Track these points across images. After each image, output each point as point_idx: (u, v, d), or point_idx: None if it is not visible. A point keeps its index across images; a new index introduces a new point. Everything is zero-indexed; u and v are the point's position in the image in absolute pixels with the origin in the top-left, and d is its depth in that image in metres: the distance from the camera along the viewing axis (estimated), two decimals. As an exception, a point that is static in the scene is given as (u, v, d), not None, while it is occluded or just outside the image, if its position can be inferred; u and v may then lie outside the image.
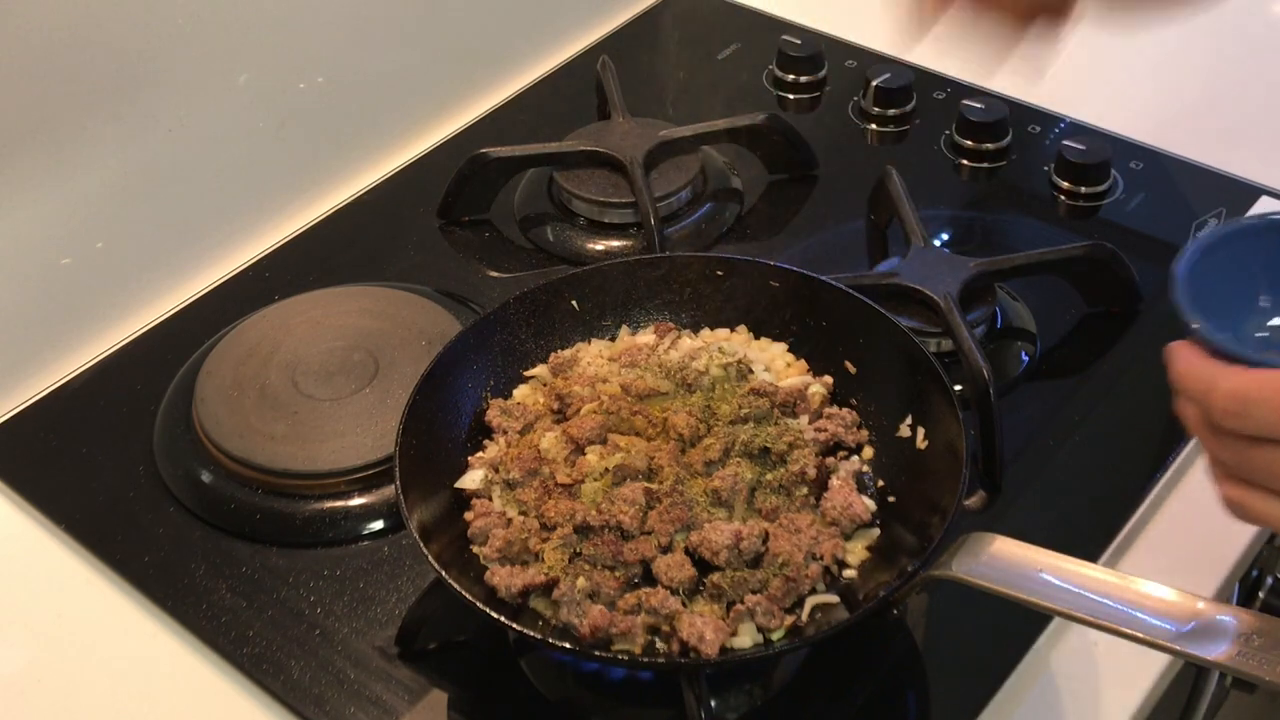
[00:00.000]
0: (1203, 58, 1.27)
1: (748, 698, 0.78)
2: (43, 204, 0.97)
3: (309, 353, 0.96)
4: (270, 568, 0.85)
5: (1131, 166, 1.12)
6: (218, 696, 0.80)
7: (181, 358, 0.99)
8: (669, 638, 0.72)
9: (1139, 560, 0.85)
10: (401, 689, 0.78)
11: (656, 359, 0.86)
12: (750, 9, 1.34)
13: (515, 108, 1.24)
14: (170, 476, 0.91)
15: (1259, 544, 0.89)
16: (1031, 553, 0.69)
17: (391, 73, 1.18)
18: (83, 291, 1.02)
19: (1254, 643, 0.62)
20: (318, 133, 1.14)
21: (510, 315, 0.88)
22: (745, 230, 1.09)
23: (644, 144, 1.09)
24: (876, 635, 0.80)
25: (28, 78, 0.93)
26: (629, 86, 1.19)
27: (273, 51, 1.08)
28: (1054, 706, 0.77)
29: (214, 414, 0.92)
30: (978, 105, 1.14)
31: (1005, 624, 0.79)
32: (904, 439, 0.82)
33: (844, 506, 0.77)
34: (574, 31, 1.32)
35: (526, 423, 0.84)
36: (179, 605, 0.84)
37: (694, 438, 0.81)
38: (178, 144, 1.04)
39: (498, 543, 0.76)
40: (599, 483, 0.79)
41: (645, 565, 0.76)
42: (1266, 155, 1.13)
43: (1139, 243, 1.05)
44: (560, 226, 1.09)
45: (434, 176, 1.14)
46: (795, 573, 0.74)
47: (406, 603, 0.83)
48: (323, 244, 1.11)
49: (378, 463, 0.88)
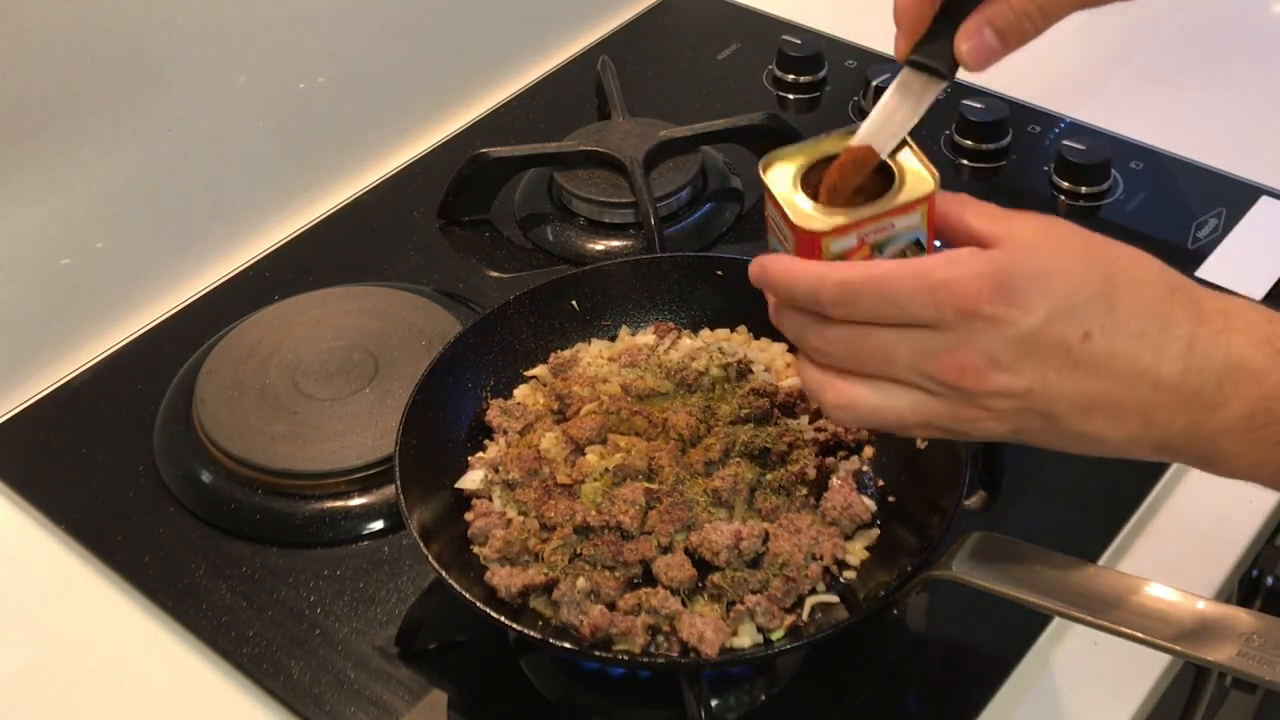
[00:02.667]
0: (1203, 58, 1.27)
1: (748, 698, 0.78)
2: (43, 204, 0.97)
3: (309, 353, 0.96)
4: (270, 568, 0.85)
5: (1131, 166, 1.12)
6: (218, 696, 0.80)
7: (181, 358, 0.99)
8: (669, 638, 0.73)
9: (1139, 560, 0.85)
10: (401, 689, 0.78)
11: (656, 359, 0.86)
12: (750, 9, 1.34)
13: (515, 108, 1.24)
14: (170, 476, 0.91)
15: (1259, 544, 0.89)
16: (1031, 553, 0.69)
17: (391, 73, 1.18)
18: (83, 291, 1.02)
19: (1254, 643, 0.62)
20: (318, 133, 1.14)
21: (510, 315, 0.88)
22: (745, 230, 1.09)
23: (644, 144, 1.09)
24: (876, 635, 0.80)
25: (28, 78, 0.93)
26: (629, 86, 1.19)
27: (273, 51, 1.08)
28: (1054, 706, 0.77)
29: (214, 414, 0.92)
30: (978, 105, 1.14)
31: (1005, 624, 0.79)
32: (904, 439, 0.82)
33: (844, 506, 0.77)
34: (574, 31, 1.32)
35: (526, 423, 0.84)
36: (179, 605, 0.84)
37: (694, 438, 0.81)
38: (178, 144, 1.04)
39: (498, 543, 0.76)
40: (599, 483, 0.79)
41: (645, 565, 0.76)
42: (1266, 155, 1.13)
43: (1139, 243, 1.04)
44: (560, 226, 1.09)
45: (434, 176, 1.14)
46: (795, 573, 0.74)
47: (406, 603, 0.83)
48: (323, 244, 1.10)
49: (378, 463, 0.88)
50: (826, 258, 0.63)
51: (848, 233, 0.62)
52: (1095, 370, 0.59)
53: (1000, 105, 1.15)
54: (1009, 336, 0.58)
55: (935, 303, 0.58)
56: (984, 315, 0.58)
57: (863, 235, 0.63)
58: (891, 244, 0.63)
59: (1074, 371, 0.59)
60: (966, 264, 0.58)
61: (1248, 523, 0.86)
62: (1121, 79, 1.25)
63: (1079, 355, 0.58)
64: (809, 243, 0.63)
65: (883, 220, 0.63)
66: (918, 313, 0.59)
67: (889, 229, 0.63)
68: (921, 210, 0.63)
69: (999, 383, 0.59)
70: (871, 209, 0.63)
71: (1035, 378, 0.59)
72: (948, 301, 0.58)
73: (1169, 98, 1.22)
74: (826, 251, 0.62)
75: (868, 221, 0.62)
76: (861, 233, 0.62)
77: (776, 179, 0.65)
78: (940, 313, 0.58)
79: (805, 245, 0.63)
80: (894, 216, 0.63)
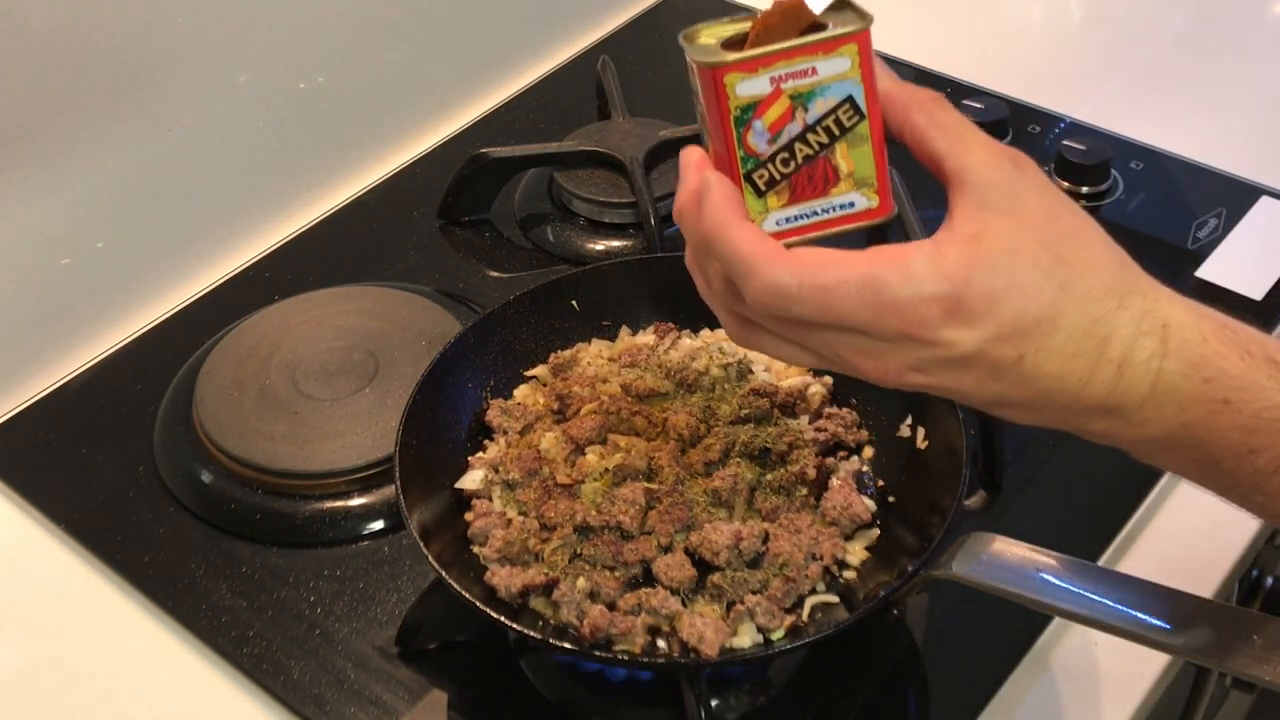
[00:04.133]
0: (1203, 58, 1.27)
1: (748, 698, 0.78)
2: (43, 204, 0.97)
3: (309, 353, 0.96)
4: (270, 568, 0.85)
5: (1131, 166, 1.12)
6: (218, 696, 0.80)
7: (181, 358, 0.99)
8: (669, 638, 0.73)
9: (1139, 560, 0.85)
10: (401, 689, 0.78)
11: (656, 359, 0.86)
12: (750, 9, 1.34)
13: (515, 108, 1.24)
14: (170, 476, 0.91)
15: (1259, 544, 0.89)
16: (1031, 553, 0.69)
17: (391, 73, 1.18)
18: (83, 291, 1.02)
19: (1254, 643, 0.62)
20: (318, 133, 1.14)
21: (510, 315, 0.88)
22: (745, 230, 1.09)
23: (644, 144, 1.09)
24: (876, 635, 0.80)
25: (28, 78, 0.93)
26: (629, 86, 1.19)
27: (273, 51, 1.08)
28: (1054, 706, 0.77)
29: (214, 414, 0.92)
30: (978, 105, 1.14)
31: (1005, 624, 0.79)
32: (904, 439, 0.82)
33: (844, 506, 0.77)
34: (574, 31, 1.32)
35: (526, 423, 0.84)
36: (179, 605, 0.84)
37: (694, 438, 0.81)
38: (178, 144, 1.04)
39: (498, 543, 0.76)
40: (599, 483, 0.79)
41: (645, 565, 0.76)
42: (1266, 155, 1.13)
43: (1139, 243, 1.05)
44: (560, 226, 1.09)
45: (434, 176, 1.14)
46: (795, 573, 0.74)
47: (406, 603, 0.83)
48: (323, 244, 1.11)
49: (378, 463, 0.88)
50: (732, 106, 0.55)
51: (755, 69, 0.55)
52: (1019, 383, 0.56)
53: (1000, 105, 1.15)
54: (941, 356, 0.55)
55: (880, 320, 0.54)
56: (926, 341, 0.55)
57: (776, 78, 0.55)
58: (819, 96, 0.56)
59: (995, 382, 0.56)
60: (921, 282, 0.54)
61: (1248, 523, 0.86)
62: (1121, 79, 1.25)
63: (1006, 371, 0.56)
64: (711, 83, 0.55)
65: (798, 59, 0.55)
66: (857, 324, 0.55)
67: (810, 74, 0.55)
68: (850, 54, 0.55)
69: (913, 381, 0.57)
70: (784, 44, 0.55)
71: (954, 382, 0.57)
72: (893, 324, 0.54)
73: (1169, 98, 1.22)
74: (732, 94, 0.55)
75: (779, 58, 0.55)
76: (773, 73, 0.55)
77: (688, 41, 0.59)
78: (882, 328, 0.55)
79: (709, 89, 0.55)
80: (812, 56, 0.55)
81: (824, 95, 0.56)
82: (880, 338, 0.55)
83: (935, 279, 0.54)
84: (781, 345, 0.59)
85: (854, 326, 0.55)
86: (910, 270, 0.54)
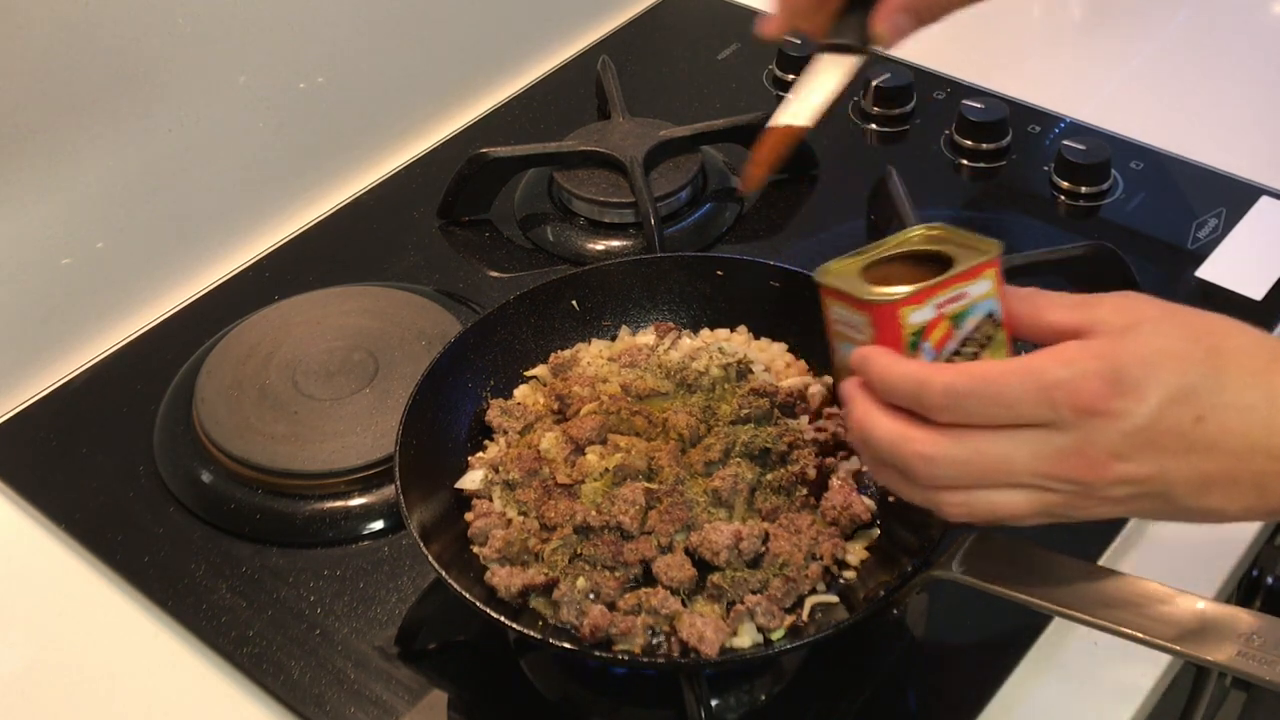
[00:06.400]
0: (1203, 58, 1.27)
1: (748, 698, 0.78)
2: (43, 204, 0.97)
3: (309, 353, 0.96)
4: (270, 568, 0.85)
5: (1131, 166, 1.12)
6: (218, 696, 0.80)
7: (181, 358, 0.99)
8: (669, 638, 0.73)
9: (1139, 560, 0.85)
10: (401, 689, 0.78)
11: (656, 359, 0.86)
12: (750, 9, 1.34)
13: (515, 108, 1.24)
14: (170, 476, 0.91)
15: (1259, 544, 0.89)
16: (1031, 553, 0.69)
17: (391, 73, 1.18)
18: (83, 291, 1.02)
19: (1254, 643, 0.62)
20: (318, 133, 1.14)
21: (510, 315, 0.89)
22: (745, 230, 1.09)
23: (644, 144, 1.09)
24: (876, 635, 0.80)
25: (28, 78, 0.93)
26: (629, 86, 1.19)
27: (273, 51, 1.08)
28: (1054, 706, 0.77)
29: (214, 414, 0.92)
30: (977, 105, 1.14)
31: (1005, 624, 0.79)
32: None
33: (844, 506, 0.77)
34: (574, 31, 1.32)
35: (526, 423, 0.84)
36: (179, 605, 0.84)
37: (694, 438, 0.81)
38: (178, 144, 1.04)
39: (498, 543, 0.76)
40: (599, 483, 0.79)
41: (645, 565, 0.76)
42: (1266, 155, 1.13)
43: (1139, 243, 1.05)
44: (560, 226, 1.09)
45: (434, 176, 1.14)
46: (795, 573, 0.74)
47: (406, 603, 0.83)
48: (323, 244, 1.11)
49: (378, 463, 0.88)
50: (907, 334, 0.63)
51: (923, 301, 0.62)
52: (1211, 450, 0.59)
53: (1000, 105, 1.15)
54: (1126, 429, 0.58)
55: (1050, 402, 0.58)
56: (1101, 412, 0.58)
57: (938, 305, 0.63)
58: (970, 315, 0.63)
59: (1190, 454, 0.59)
60: (1079, 360, 0.58)
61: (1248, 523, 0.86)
62: (1121, 79, 1.25)
63: (1194, 438, 0.59)
64: (887, 316, 0.63)
65: (953, 287, 0.63)
66: (1030, 413, 0.59)
67: (963, 298, 0.63)
68: (990, 277, 0.63)
69: (1121, 472, 0.59)
70: (939, 277, 0.63)
71: (1154, 465, 0.59)
72: (1064, 401, 0.58)
73: (1169, 98, 1.22)
74: (906, 324, 0.62)
75: (938, 289, 0.63)
76: (936, 300, 0.63)
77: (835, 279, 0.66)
78: (1057, 412, 0.58)
79: (883, 321, 0.63)
80: (963, 283, 0.63)
81: (973, 314, 0.64)
82: (1059, 426, 0.59)
83: (1089, 359, 0.59)
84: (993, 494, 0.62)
85: (1027, 418, 0.59)
86: (1065, 355, 0.59)
